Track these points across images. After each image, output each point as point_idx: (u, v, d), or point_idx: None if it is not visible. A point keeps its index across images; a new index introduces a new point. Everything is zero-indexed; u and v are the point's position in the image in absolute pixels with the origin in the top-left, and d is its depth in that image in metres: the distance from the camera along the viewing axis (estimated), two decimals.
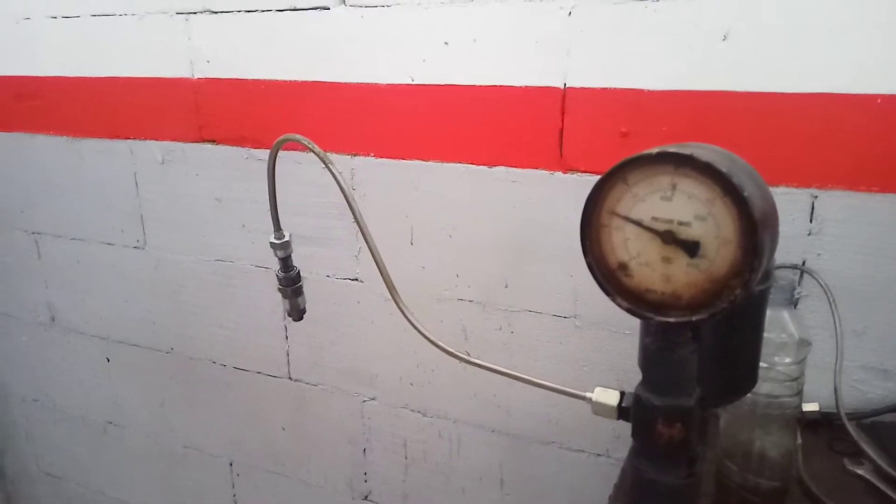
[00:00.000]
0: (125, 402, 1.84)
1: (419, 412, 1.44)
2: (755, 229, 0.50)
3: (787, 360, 0.75)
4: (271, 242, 0.87)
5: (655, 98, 1.07)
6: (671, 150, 0.52)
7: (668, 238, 0.54)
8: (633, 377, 0.61)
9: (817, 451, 0.91)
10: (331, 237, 1.40)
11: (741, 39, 0.99)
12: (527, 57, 1.13)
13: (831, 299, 0.96)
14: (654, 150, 0.53)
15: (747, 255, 0.51)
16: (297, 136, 0.78)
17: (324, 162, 0.76)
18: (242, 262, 1.53)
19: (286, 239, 0.87)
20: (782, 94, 0.99)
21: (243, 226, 1.50)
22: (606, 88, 1.10)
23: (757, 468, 0.78)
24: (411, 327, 0.75)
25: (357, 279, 1.41)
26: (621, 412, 0.60)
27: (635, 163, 0.54)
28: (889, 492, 0.82)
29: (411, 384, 1.43)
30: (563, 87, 1.12)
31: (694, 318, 0.53)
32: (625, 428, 0.59)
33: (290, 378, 1.57)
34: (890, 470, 0.84)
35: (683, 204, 0.53)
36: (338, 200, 1.43)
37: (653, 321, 0.55)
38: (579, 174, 1.15)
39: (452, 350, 0.75)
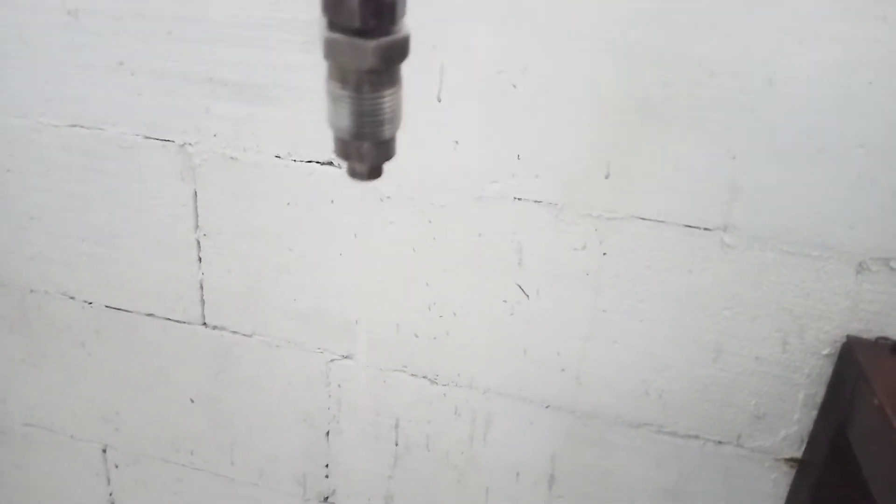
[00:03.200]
0: None
1: (426, 377, 0.92)
2: None
3: None
4: None
5: None
6: None
7: None
8: (809, 333, 0.43)
9: None
10: (286, 86, 0.81)
11: None
12: None
13: None
14: None
15: None
16: None
17: None
18: (121, 130, 0.89)
19: None
20: None
21: (122, 63, 0.86)
22: None
23: None
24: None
25: (332, 162, 0.84)
26: None
27: None
28: None
29: (416, 335, 0.89)
30: None
31: None
32: (773, 405, 0.43)
33: (204, 324, 0.99)
34: None
35: None
36: (303, 14, 0.81)
37: None
38: None
39: None
